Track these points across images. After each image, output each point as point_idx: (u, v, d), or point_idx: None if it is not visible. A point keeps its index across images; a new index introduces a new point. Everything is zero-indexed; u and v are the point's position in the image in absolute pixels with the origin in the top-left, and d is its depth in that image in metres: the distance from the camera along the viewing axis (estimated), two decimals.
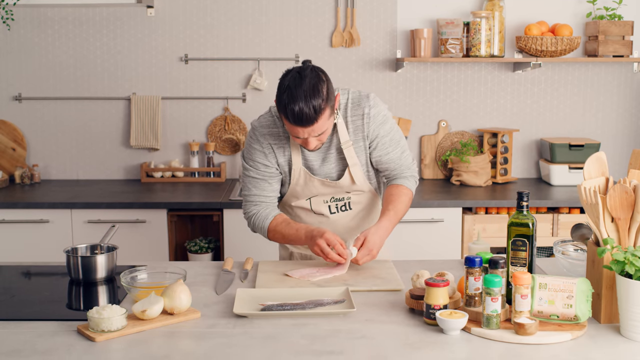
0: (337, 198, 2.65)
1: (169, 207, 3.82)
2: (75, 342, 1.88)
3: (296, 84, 2.31)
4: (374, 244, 2.45)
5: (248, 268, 2.52)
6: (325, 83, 2.35)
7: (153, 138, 4.39)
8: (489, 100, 4.45)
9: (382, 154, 2.60)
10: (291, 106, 2.30)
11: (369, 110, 2.53)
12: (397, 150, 2.62)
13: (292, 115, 2.31)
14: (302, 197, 2.66)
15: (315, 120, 2.32)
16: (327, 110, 2.35)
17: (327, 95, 2.34)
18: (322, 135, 2.42)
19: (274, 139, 2.56)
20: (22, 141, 4.41)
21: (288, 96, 2.30)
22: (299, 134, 2.38)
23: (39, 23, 4.34)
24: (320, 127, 2.36)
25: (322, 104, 2.32)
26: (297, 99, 2.29)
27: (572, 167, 4.21)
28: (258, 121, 2.59)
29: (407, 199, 2.62)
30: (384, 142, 2.58)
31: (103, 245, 2.50)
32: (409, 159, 2.68)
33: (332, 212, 2.67)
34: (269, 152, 2.57)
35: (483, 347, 1.85)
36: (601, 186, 2.10)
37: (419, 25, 4.35)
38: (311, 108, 2.29)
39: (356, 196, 2.67)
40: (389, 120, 2.59)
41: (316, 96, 2.30)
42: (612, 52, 4.20)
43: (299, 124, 2.32)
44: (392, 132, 2.60)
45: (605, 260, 1.96)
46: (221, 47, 4.39)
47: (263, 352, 1.82)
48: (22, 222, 3.79)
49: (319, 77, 2.35)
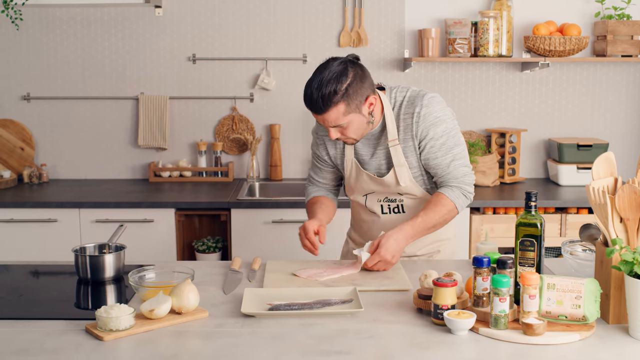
0: (390, 199, 2.63)
1: (177, 206, 3.82)
2: (84, 341, 1.89)
3: (319, 70, 2.37)
4: (387, 249, 2.39)
5: (256, 268, 2.52)
6: (348, 79, 2.33)
7: (161, 138, 4.39)
8: (497, 100, 4.45)
9: (429, 157, 2.51)
10: (305, 91, 2.37)
11: (420, 109, 2.47)
12: (447, 157, 2.50)
13: (305, 97, 2.37)
14: (357, 191, 2.67)
15: (323, 111, 2.34)
16: (342, 106, 2.34)
17: (346, 91, 2.33)
18: (344, 129, 2.41)
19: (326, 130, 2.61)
20: (30, 141, 4.43)
21: (310, 79, 2.37)
22: (316, 118, 2.42)
23: (47, 23, 4.36)
24: (333, 119, 2.36)
25: (334, 98, 2.31)
26: (312, 84, 2.34)
27: (580, 167, 4.20)
28: None
29: (444, 211, 2.49)
30: (432, 145, 2.49)
31: (111, 244, 2.50)
32: (462, 170, 2.53)
33: (383, 212, 2.65)
34: (321, 142, 2.68)
35: (491, 348, 1.85)
36: (610, 186, 2.09)
37: (426, 25, 4.34)
38: (320, 97, 2.32)
39: (409, 200, 2.61)
40: (443, 124, 2.49)
41: (330, 87, 2.31)
42: (621, 51, 4.18)
43: (308, 107, 2.38)
44: (445, 137, 2.49)
45: (614, 260, 1.95)
46: (229, 47, 4.39)
47: (271, 352, 1.82)
48: (31, 221, 3.80)
49: (343, 72, 2.34)
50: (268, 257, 3.47)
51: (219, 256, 4.02)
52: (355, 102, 2.36)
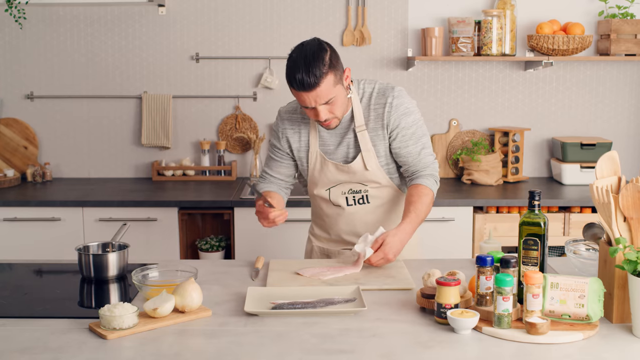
0: (355, 190, 2.67)
1: (180, 205, 3.83)
2: (87, 340, 1.89)
3: (298, 52, 2.43)
4: (391, 248, 2.43)
5: (259, 266, 2.53)
6: (327, 52, 2.43)
7: (164, 136, 4.40)
8: (500, 99, 4.44)
9: (400, 145, 2.60)
10: (293, 73, 2.39)
11: (392, 100, 2.57)
12: (417, 146, 2.61)
13: (295, 82, 2.40)
14: (320, 184, 2.69)
15: (317, 85, 2.38)
16: (331, 76, 2.41)
17: (330, 62, 2.41)
18: (332, 106, 2.46)
19: (291, 124, 2.69)
20: (34, 139, 4.43)
21: (290, 64, 2.42)
22: (305, 102, 2.45)
23: (50, 22, 4.36)
24: (325, 93, 2.41)
25: (324, 69, 2.39)
26: (299, 64, 2.39)
27: (583, 166, 4.20)
28: (284, 107, 2.75)
29: (428, 200, 2.58)
30: (404, 134, 2.58)
31: (114, 243, 2.50)
32: (430, 158, 2.65)
33: (348, 204, 2.68)
34: (282, 136, 2.70)
35: (494, 347, 1.85)
36: (613, 185, 2.09)
37: (430, 24, 4.34)
38: (311, 72, 2.37)
39: (374, 190, 2.66)
40: (412, 114, 2.60)
41: (317, 61, 2.38)
42: (624, 50, 4.18)
43: (301, 89, 2.41)
44: (415, 127, 2.60)
45: (618, 259, 1.95)
46: (232, 46, 4.39)
47: (274, 351, 1.82)
48: (34, 220, 3.81)
49: (320, 46, 2.43)
50: (271, 256, 3.48)
51: (222, 255, 4.02)
52: (338, 73, 2.45)
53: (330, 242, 2.79)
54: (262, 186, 2.81)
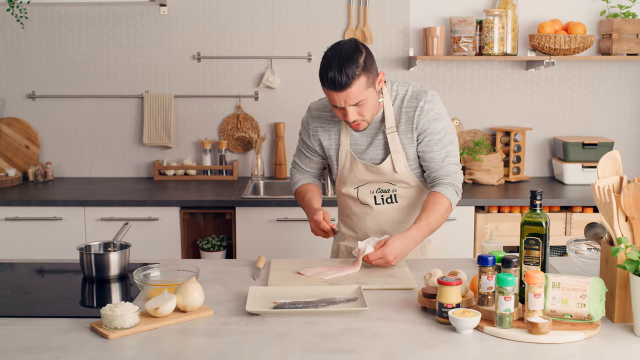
0: (383, 189, 2.67)
1: (182, 205, 3.83)
2: (89, 339, 1.89)
3: (333, 51, 2.44)
4: (392, 250, 2.42)
5: (260, 266, 2.53)
6: (363, 54, 2.43)
7: (166, 136, 4.40)
8: (502, 98, 4.44)
9: (425, 150, 2.59)
10: (326, 71, 2.40)
11: (424, 104, 2.56)
12: (442, 153, 2.58)
13: (326, 80, 2.41)
14: (349, 183, 2.70)
15: (348, 85, 2.39)
16: (363, 79, 2.41)
17: (364, 64, 2.41)
18: (361, 108, 2.46)
19: (321, 122, 2.71)
20: (35, 139, 4.43)
21: (324, 62, 2.43)
22: (335, 102, 2.45)
23: (52, 22, 4.36)
24: (355, 94, 2.41)
25: (357, 70, 2.39)
26: (332, 64, 2.39)
27: (585, 165, 4.20)
28: (314, 103, 2.78)
29: (443, 209, 2.54)
30: (430, 139, 2.57)
31: (116, 242, 2.50)
32: (454, 167, 2.60)
33: (377, 202, 2.68)
34: (313, 133, 2.73)
35: (496, 346, 1.85)
36: (615, 185, 2.09)
37: (431, 24, 4.34)
38: (344, 72, 2.37)
39: (402, 189, 2.66)
40: (442, 121, 2.58)
41: (350, 62, 2.38)
42: (626, 50, 4.17)
43: (332, 88, 2.41)
44: (443, 134, 2.58)
45: (619, 259, 1.95)
46: (234, 46, 4.39)
47: (275, 350, 1.82)
48: (36, 219, 3.81)
49: (356, 47, 2.43)
50: (273, 255, 3.48)
51: (223, 254, 4.02)
52: (372, 76, 2.45)
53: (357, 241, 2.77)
54: (298, 177, 2.86)
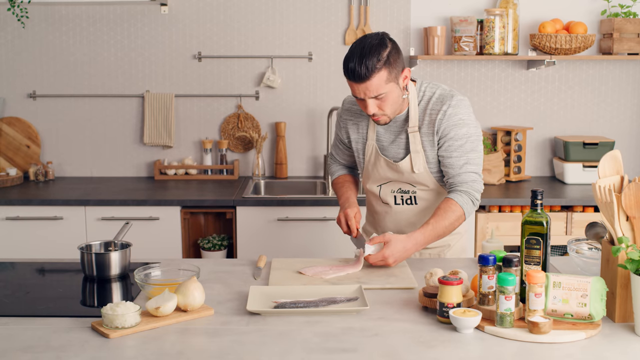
0: (404, 190, 2.67)
1: (182, 204, 3.83)
2: (90, 339, 1.89)
3: (358, 42, 2.44)
4: (392, 252, 2.41)
5: (261, 265, 2.53)
6: (387, 48, 2.42)
7: (166, 135, 4.40)
8: (503, 98, 4.44)
9: (444, 155, 2.55)
10: (347, 61, 2.42)
11: (447, 108, 2.53)
12: (461, 159, 2.54)
13: (347, 70, 2.42)
14: (372, 180, 2.72)
15: (368, 78, 2.39)
16: (384, 73, 2.40)
17: (387, 59, 2.41)
18: (382, 102, 2.46)
19: (352, 115, 2.73)
20: (36, 138, 4.44)
21: (348, 53, 2.44)
22: (355, 92, 2.46)
23: (53, 21, 4.36)
24: (375, 87, 2.41)
25: (378, 64, 2.39)
26: (354, 55, 2.40)
27: (586, 165, 4.19)
28: (348, 96, 2.78)
29: (453, 217, 2.50)
30: (450, 144, 2.53)
31: (117, 242, 2.51)
32: (473, 175, 2.55)
33: (396, 202, 2.69)
34: (344, 125, 2.76)
35: (496, 346, 1.85)
36: (616, 184, 2.09)
37: (432, 23, 4.34)
38: (364, 64, 2.38)
39: (422, 192, 2.65)
40: (465, 127, 2.54)
41: (372, 55, 2.38)
42: (627, 50, 4.17)
43: (352, 78, 2.42)
44: (464, 140, 2.53)
45: (620, 259, 1.95)
46: (234, 45, 4.39)
47: (276, 350, 1.82)
48: (36, 219, 3.81)
49: (382, 41, 2.43)
50: (273, 254, 3.48)
51: (224, 254, 4.02)
52: (395, 71, 2.44)
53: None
54: (335, 168, 2.93)
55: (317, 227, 3.80)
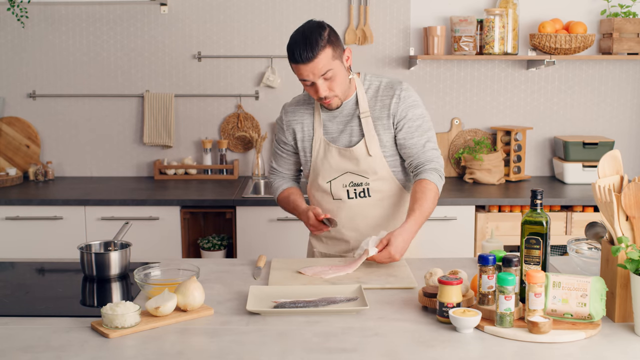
0: (356, 183, 2.68)
1: (182, 204, 3.83)
2: (89, 338, 1.89)
3: (297, 30, 2.52)
4: (396, 248, 2.43)
5: (261, 265, 2.53)
6: (326, 29, 2.51)
7: (166, 135, 4.40)
8: (502, 98, 4.44)
9: (406, 137, 2.62)
10: (292, 46, 2.48)
11: (400, 92, 2.64)
12: (422, 138, 2.63)
13: (293, 55, 2.48)
14: (322, 174, 2.70)
15: (314, 56, 2.45)
16: (329, 50, 2.48)
17: (328, 37, 2.49)
18: (331, 82, 2.52)
19: (294, 115, 2.76)
20: (36, 138, 4.44)
21: (291, 41, 2.50)
22: (303, 75, 2.51)
23: (52, 21, 4.36)
24: (323, 65, 2.47)
25: (321, 42, 2.46)
26: (297, 40, 2.48)
27: (586, 165, 4.20)
28: (287, 103, 2.84)
29: (432, 195, 2.57)
30: (410, 126, 2.62)
31: (116, 242, 2.51)
32: (435, 152, 2.65)
33: (349, 197, 2.69)
34: (287, 128, 2.77)
35: (496, 346, 1.85)
36: (616, 184, 2.09)
37: (432, 23, 4.34)
38: (308, 44, 2.45)
39: (375, 182, 2.66)
40: (419, 108, 2.65)
41: (314, 35, 2.47)
42: (627, 49, 4.17)
43: (299, 61, 2.47)
44: (421, 120, 2.64)
45: (620, 258, 1.95)
46: (234, 45, 4.39)
47: (276, 349, 1.82)
48: (36, 218, 3.81)
49: (319, 24, 2.52)
50: (273, 254, 3.48)
51: (224, 254, 4.02)
52: (338, 49, 2.53)
53: (330, 242, 2.78)
54: (279, 183, 2.88)
55: None
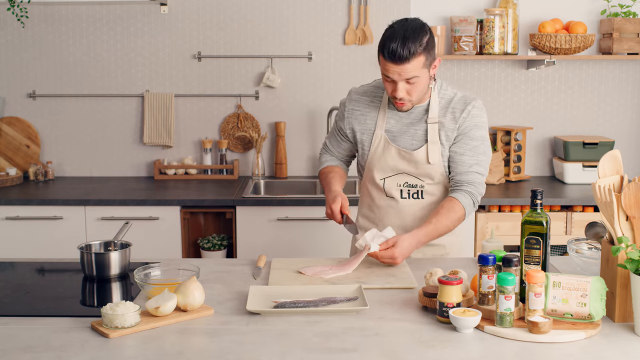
0: (411, 184, 2.66)
1: (182, 204, 3.83)
2: (89, 338, 1.89)
3: (400, 24, 2.46)
4: (400, 252, 2.42)
5: (261, 265, 2.53)
6: (427, 34, 2.45)
7: (166, 135, 4.40)
8: (502, 98, 4.44)
9: (458, 151, 2.59)
10: (388, 41, 2.42)
11: (472, 109, 2.59)
12: (472, 159, 2.58)
13: (387, 51, 2.42)
14: (377, 171, 2.68)
15: (407, 60, 2.41)
16: (422, 57, 2.43)
17: (427, 45, 2.44)
18: (412, 86, 2.48)
19: (359, 105, 2.72)
20: (36, 138, 4.44)
21: (389, 33, 2.45)
22: (389, 72, 2.46)
23: (52, 21, 4.36)
24: (411, 70, 2.43)
25: (419, 48, 2.41)
26: (397, 35, 2.41)
27: (586, 165, 4.20)
28: (356, 88, 2.78)
29: (455, 217, 2.53)
30: (466, 142, 2.58)
31: (117, 242, 2.51)
32: (479, 177, 2.59)
33: (402, 197, 2.67)
34: (348, 116, 2.73)
35: (496, 346, 1.85)
36: (616, 184, 2.09)
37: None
38: (406, 45, 2.40)
39: (430, 186, 2.65)
40: (484, 130, 2.61)
41: (415, 38, 2.41)
42: (627, 49, 4.17)
43: (392, 59, 2.42)
44: (479, 142, 2.59)
45: (620, 258, 1.95)
46: (234, 45, 4.39)
47: (276, 349, 1.82)
48: (36, 218, 3.81)
49: (423, 27, 2.46)
50: (273, 254, 3.48)
51: (224, 254, 4.02)
52: (430, 58, 2.48)
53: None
54: (326, 158, 2.88)
55: (317, 227, 3.80)
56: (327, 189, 2.72)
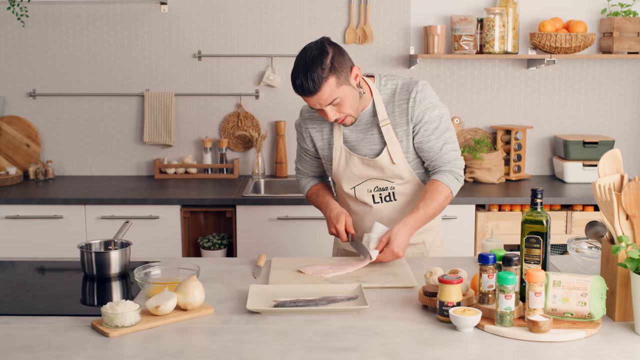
0: (381, 187, 2.65)
1: (182, 203, 3.83)
2: (90, 337, 1.89)
3: (299, 57, 2.42)
4: (398, 245, 2.44)
5: (261, 264, 2.53)
6: (329, 55, 2.39)
7: (166, 134, 4.40)
8: (503, 97, 4.44)
9: (422, 140, 2.57)
10: (293, 77, 2.41)
11: (415, 94, 2.55)
12: (440, 141, 2.57)
13: (295, 86, 2.41)
14: (345, 181, 2.68)
15: (317, 90, 2.38)
16: (332, 79, 2.39)
17: (332, 65, 2.39)
18: (339, 106, 2.45)
19: (313, 122, 2.70)
20: (36, 137, 4.44)
21: (293, 69, 2.42)
22: (310, 104, 2.46)
23: (53, 20, 4.36)
24: (327, 95, 2.40)
25: (323, 73, 2.37)
26: (298, 70, 2.39)
27: (586, 164, 4.19)
28: (305, 105, 2.74)
29: (442, 197, 2.54)
30: (426, 129, 2.56)
31: (117, 241, 2.51)
32: (453, 153, 2.59)
33: (375, 201, 2.67)
34: (307, 135, 2.72)
35: (496, 345, 1.85)
36: (616, 183, 2.09)
37: (432, 22, 4.33)
38: (309, 77, 2.37)
39: (400, 186, 2.65)
40: (436, 109, 2.57)
41: (316, 65, 2.37)
42: (627, 48, 4.17)
43: (302, 93, 2.41)
44: (438, 121, 2.56)
45: (620, 257, 1.95)
46: (234, 44, 4.39)
47: (276, 348, 1.82)
48: (36, 217, 3.81)
49: (322, 49, 2.40)
50: (273, 253, 3.48)
51: (224, 253, 4.02)
52: (343, 74, 2.42)
53: None
54: (305, 181, 2.86)
55: (317, 226, 3.80)
56: (325, 208, 2.71)
